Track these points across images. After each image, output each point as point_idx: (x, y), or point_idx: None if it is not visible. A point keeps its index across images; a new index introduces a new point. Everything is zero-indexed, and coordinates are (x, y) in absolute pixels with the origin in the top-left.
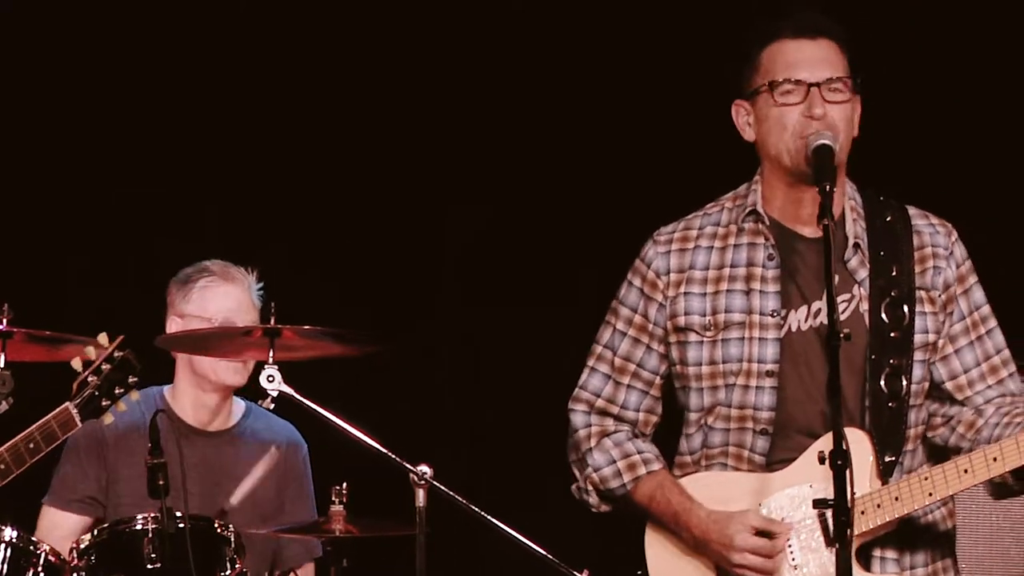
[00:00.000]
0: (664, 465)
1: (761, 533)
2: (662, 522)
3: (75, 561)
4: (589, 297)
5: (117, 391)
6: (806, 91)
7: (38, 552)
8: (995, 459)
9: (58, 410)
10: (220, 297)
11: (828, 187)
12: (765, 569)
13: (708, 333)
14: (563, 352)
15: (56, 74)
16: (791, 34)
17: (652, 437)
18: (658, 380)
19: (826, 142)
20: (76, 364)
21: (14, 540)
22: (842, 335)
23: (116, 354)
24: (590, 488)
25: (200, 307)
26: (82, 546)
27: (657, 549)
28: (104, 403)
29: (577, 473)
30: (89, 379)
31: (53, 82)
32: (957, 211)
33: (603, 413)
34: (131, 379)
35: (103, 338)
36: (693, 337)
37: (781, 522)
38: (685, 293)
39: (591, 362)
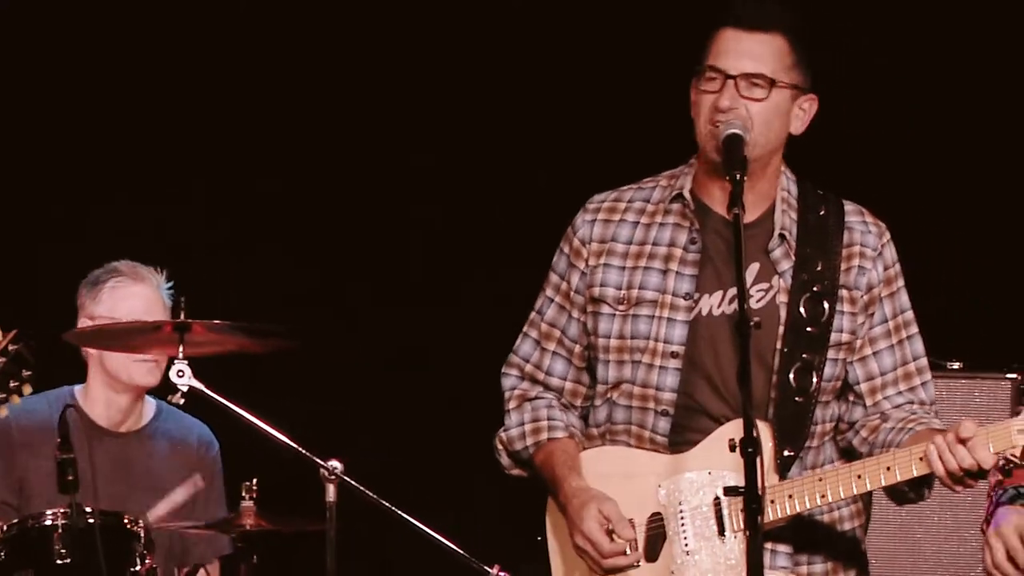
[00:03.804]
0: (571, 436)
1: (610, 530)
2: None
3: None
4: (505, 290)
5: (12, 384)
6: (723, 82)
7: None
8: (888, 468)
9: None
10: (130, 297)
11: (739, 176)
12: (595, 563)
13: (620, 307)
14: (477, 346)
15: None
16: (735, 23)
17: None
18: (578, 349)
19: (736, 131)
20: None
21: None
22: (752, 323)
23: (10, 347)
24: (500, 448)
25: (110, 308)
26: None
27: (555, 515)
28: None
29: (497, 433)
30: None
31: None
32: (900, 213)
33: (532, 379)
34: (25, 372)
35: None
36: (606, 309)
37: (633, 530)
38: (604, 264)
39: (525, 327)
